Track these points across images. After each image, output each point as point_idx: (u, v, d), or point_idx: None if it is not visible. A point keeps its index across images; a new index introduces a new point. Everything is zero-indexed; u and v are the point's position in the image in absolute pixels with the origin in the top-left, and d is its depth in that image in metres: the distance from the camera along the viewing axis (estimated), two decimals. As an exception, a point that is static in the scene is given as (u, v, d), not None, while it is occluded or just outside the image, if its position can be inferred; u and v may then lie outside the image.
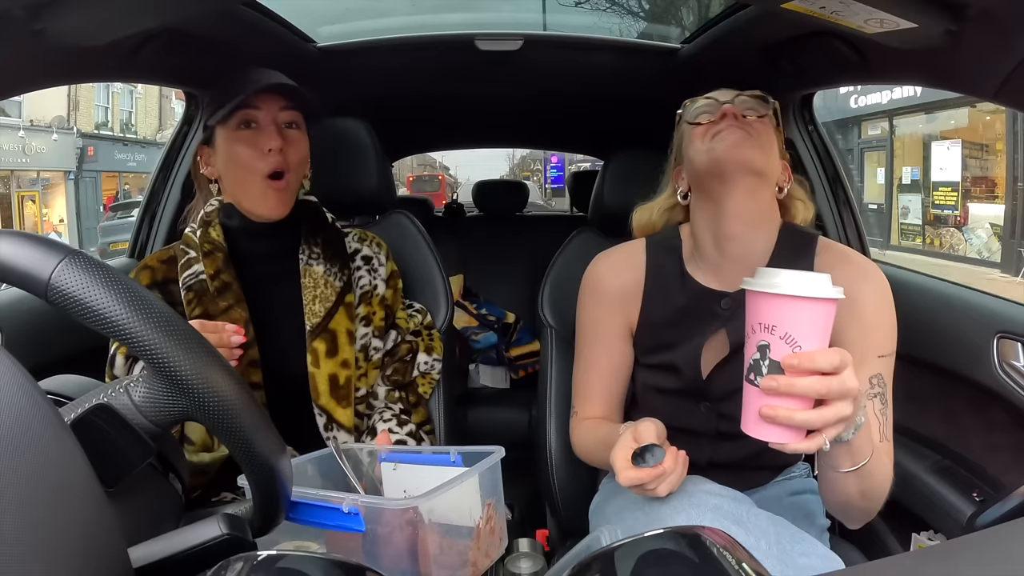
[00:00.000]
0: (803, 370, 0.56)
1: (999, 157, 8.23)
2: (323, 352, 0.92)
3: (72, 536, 0.30)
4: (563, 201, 11.12)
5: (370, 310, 0.99)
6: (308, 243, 0.97)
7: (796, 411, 0.57)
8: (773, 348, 0.57)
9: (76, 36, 0.78)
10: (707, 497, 0.73)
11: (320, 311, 0.94)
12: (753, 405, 0.59)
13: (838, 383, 0.57)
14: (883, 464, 0.73)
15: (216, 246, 0.93)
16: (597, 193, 1.28)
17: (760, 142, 0.79)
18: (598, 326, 0.91)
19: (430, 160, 25.69)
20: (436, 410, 1.06)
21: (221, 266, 0.91)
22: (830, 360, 0.56)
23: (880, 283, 0.79)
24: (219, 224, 0.94)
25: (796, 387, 0.57)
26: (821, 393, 0.57)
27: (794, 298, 0.56)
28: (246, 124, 0.89)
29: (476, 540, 0.62)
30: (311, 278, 0.95)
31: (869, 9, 0.69)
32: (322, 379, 0.92)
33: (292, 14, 1.25)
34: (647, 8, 4.48)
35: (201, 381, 0.40)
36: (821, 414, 0.57)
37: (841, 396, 0.57)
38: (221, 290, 0.90)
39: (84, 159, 13.01)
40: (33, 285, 0.37)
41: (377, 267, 1.01)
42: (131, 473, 0.44)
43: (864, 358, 0.75)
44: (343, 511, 0.56)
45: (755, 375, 0.59)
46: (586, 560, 0.36)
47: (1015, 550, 0.33)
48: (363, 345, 0.97)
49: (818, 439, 0.59)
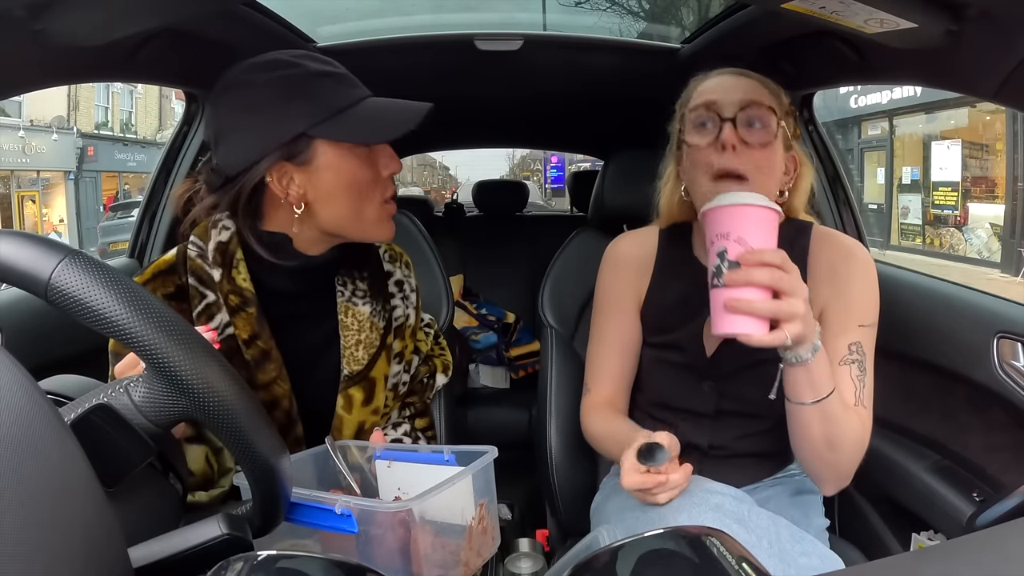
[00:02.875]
0: (756, 262, 0.65)
1: (999, 157, 8.24)
2: (359, 400, 0.83)
3: (72, 536, 0.30)
4: (563, 201, 11.12)
5: (403, 345, 0.88)
6: (351, 275, 0.84)
7: (756, 301, 0.66)
8: (730, 250, 0.67)
9: (76, 36, 0.78)
10: (708, 496, 0.74)
11: (363, 358, 0.82)
12: (719, 304, 0.68)
13: (787, 278, 0.66)
14: (852, 422, 0.77)
15: (245, 298, 0.76)
16: (597, 193, 1.28)
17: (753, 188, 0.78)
18: (614, 298, 0.95)
19: (430, 160, 25.67)
20: (436, 410, 1.06)
21: (256, 328, 0.76)
22: (776, 256, 0.66)
23: (865, 260, 0.84)
24: (243, 261, 0.77)
25: (754, 277, 0.65)
26: (775, 280, 0.65)
27: (743, 206, 0.67)
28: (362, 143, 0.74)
29: (468, 539, 0.62)
30: (355, 319, 0.82)
31: (869, 9, 0.69)
32: (350, 424, 0.83)
33: (292, 14, 1.25)
34: (647, 8, 4.49)
35: (201, 381, 0.40)
36: (778, 304, 0.66)
37: (791, 291, 0.66)
38: (260, 360, 0.77)
39: (84, 159, 13.02)
40: (33, 285, 0.37)
41: (409, 293, 0.90)
42: (131, 473, 0.44)
43: (845, 327, 0.81)
44: (336, 512, 0.57)
45: (717, 279, 0.67)
46: (586, 560, 0.36)
47: (1015, 550, 0.33)
48: (394, 384, 0.88)
49: (780, 333, 0.66)
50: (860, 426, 0.78)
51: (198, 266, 0.77)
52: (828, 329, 0.81)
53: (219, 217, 0.77)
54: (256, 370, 0.77)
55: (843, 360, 0.80)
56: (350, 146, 0.73)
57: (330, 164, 0.72)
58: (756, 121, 0.80)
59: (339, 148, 0.72)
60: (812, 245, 0.87)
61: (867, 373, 0.81)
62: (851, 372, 0.80)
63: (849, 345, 0.80)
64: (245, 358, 0.76)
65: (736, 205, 0.67)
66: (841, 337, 0.81)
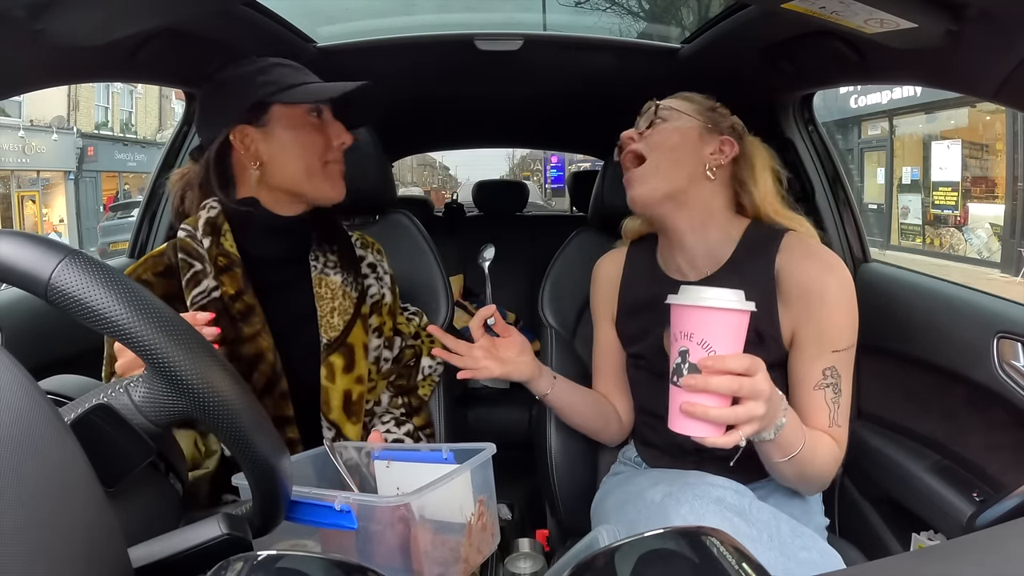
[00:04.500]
0: (717, 370, 0.63)
1: (999, 157, 8.23)
2: (340, 367, 0.89)
3: (72, 536, 0.30)
4: (563, 201, 11.12)
5: (381, 320, 0.96)
6: (322, 249, 0.93)
7: (712, 408, 0.64)
8: (692, 352, 0.65)
9: (76, 36, 0.78)
10: (710, 489, 0.75)
11: (339, 324, 0.90)
12: (676, 403, 0.66)
13: (749, 384, 0.64)
14: (823, 451, 0.78)
15: (232, 260, 0.85)
16: (597, 193, 1.28)
17: (649, 168, 0.86)
18: (597, 313, 1.03)
19: (430, 160, 25.67)
20: (436, 410, 1.06)
21: (242, 285, 0.85)
22: (740, 363, 0.64)
23: (843, 278, 0.81)
24: (229, 231, 0.87)
25: (711, 384, 0.63)
26: (734, 390, 0.63)
27: (708, 309, 0.64)
28: (317, 112, 0.87)
29: (468, 536, 0.62)
30: (327, 288, 0.91)
31: (869, 9, 0.69)
32: (336, 394, 0.88)
33: (292, 14, 1.24)
34: (647, 8, 4.49)
35: (201, 381, 0.40)
36: (735, 411, 0.64)
37: (753, 396, 0.64)
38: (245, 314, 0.84)
39: (84, 159, 13.01)
40: (33, 285, 0.37)
41: (382, 275, 0.98)
42: (131, 473, 0.44)
43: (820, 351, 0.81)
44: (335, 509, 0.57)
45: (677, 377, 0.66)
46: (586, 560, 0.36)
47: (1015, 550, 0.33)
48: (375, 357, 0.95)
49: (734, 435, 0.65)
50: (833, 449, 0.80)
51: (187, 244, 0.86)
52: (801, 353, 0.81)
53: (207, 201, 0.88)
54: (242, 323, 0.84)
55: (817, 385, 0.80)
56: (302, 113, 0.86)
57: (284, 126, 0.85)
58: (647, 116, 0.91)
59: (292, 114, 0.85)
60: (782, 256, 0.84)
61: (842, 393, 0.81)
62: (825, 396, 0.80)
63: (824, 370, 0.80)
64: (232, 314, 0.84)
65: (703, 308, 0.64)
66: (816, 362, 0.80)
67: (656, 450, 0.95)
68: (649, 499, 0.76)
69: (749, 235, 0.88)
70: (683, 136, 0.87)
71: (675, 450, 0.92)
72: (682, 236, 0.89)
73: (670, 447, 0.92)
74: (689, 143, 0.86)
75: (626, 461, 1.00)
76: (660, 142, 0.87)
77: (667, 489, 0.76)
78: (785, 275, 0.83)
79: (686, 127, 0.87)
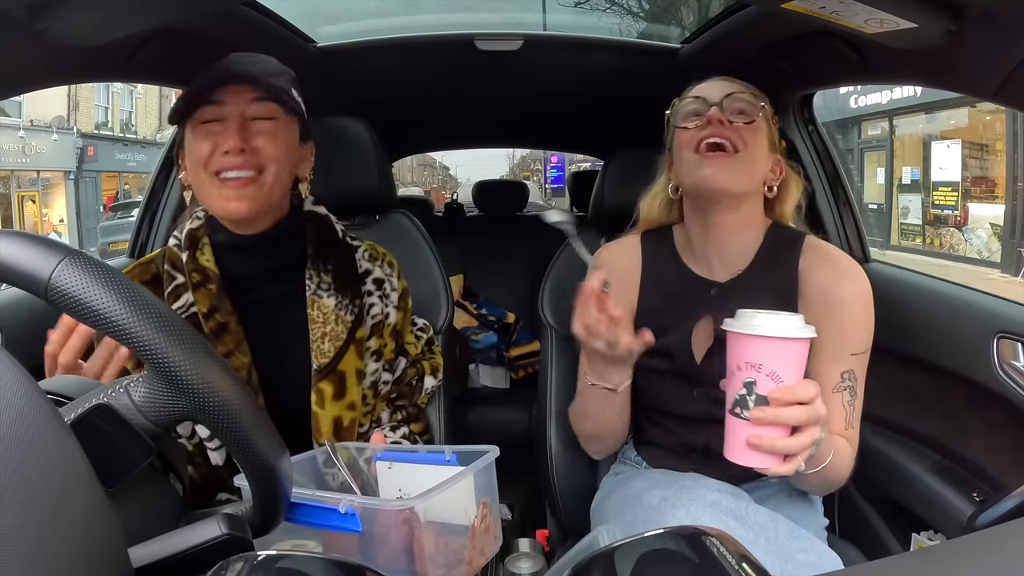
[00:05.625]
0: (786, 402, 0.63)
1: (999, 157, 8.23)
2: (330, 395, 0.84)
3: (73, 536, 0.30)
4: (563, 201, 11.12)
5: (381, 343, 0.90)
6: (317, 267, 0.86)
7: (778, 439, 0.64)
8: (759, 384, 0.63)
9: (76, 36, 0.78)
10: (705, 492, 0.75)
11: (329, 351, 0.84)
12: (738, 435, 0.65)
13: (814, 411, 0.64)
14: (844, 455, 0.79)
15: (206, 275, 0.81)
16: (597, 193, 1.28)
17: (742, 161, 0.82)
18: None
19: (430, 160, 25.67)
20: (436, 410, 1.06)
21: (215, 302, 0.81)
22: (808, 392, 0.64)
23: (861, 284, 0.82)
24: (208, 244, 0.83)
25: (781, 416, 0.63)
26: (802, 420, 0.64)
27: (778, 339, 0.62)
28: (213, 119, 0.77)
29: (472, 539, 0.62)
30: (320, 311, 0.84)
31: (869, 9, 0.69)
32: (326, 421, 0.84)
33: (292, 14, 1.24)
34: (647, 8, 4.49)
35: (201, 381, 0.40)
36: (800, 440, 0.65)
37: (815, 422, 0.65)
38: (218, 332, 0.80)
39: (84, 159, 13.02)
40: (33, 285, 0.37)
41: (389, 292, 0.91)
42: (131, 473, 0.44)
43: (838, 355, 0.81)
44: (340, 512, 0.57)
45: (741, 409, 0.65)
46: (586, 560, 0.36)
47: (1015, 550, 0.33)
48: (373, 381, 0.90)
49: (795, 462, 0.65)
50: (849, 451, 0.80)
51: (174, 255, 0.83)
52: (820, 356, 0.80)
53: (195, 210, 0.85)
54: (215, 341, 0.80)
55: (835, 388, 0.80)
56: (198, 123, 0.78)
57: (187, 143, 0.79)
58: (740, 103, 0.84)
59: (192, 124, 0.78)
60: (804, 259, 0.86)
61: (858, 396, 0.81)
62: (842, 399, 0.80)
63: (842, 373, 0.80)
64: (204, 332, 0.80)
65: (774, 338, 0.62)
66: (834, 365, 0.80)
67: (659, 450, 0.94)
68: (646, 503, 0.76)
69: (771, 237, 0.88)
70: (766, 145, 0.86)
71: (681, 449, 0.91)
72: (726, 234, 0.87)
73: (676, 446, 0.92)
74: (766, 154, 0.86)
75: (626, 461, 1.00)
76: (756, 142, 0.84)
77: (663, 493, 0.76)
78: (807, 278, 0.84)
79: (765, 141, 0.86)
